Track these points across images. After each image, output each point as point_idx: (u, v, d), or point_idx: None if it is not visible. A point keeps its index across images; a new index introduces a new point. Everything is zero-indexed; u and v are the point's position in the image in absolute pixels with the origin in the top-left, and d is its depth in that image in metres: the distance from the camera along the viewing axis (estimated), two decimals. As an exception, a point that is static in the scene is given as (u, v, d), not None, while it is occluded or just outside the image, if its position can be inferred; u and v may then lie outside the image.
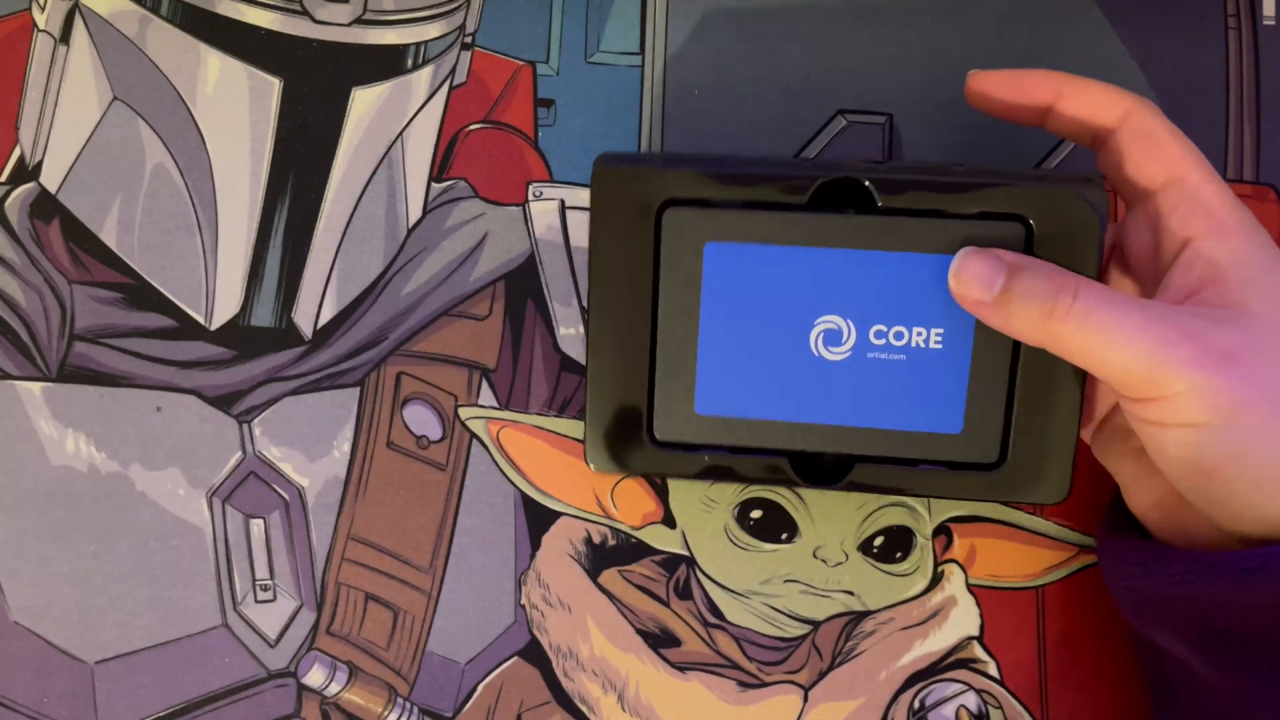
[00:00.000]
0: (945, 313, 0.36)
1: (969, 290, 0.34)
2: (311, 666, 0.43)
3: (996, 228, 0.35)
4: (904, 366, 0.36)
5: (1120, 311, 0.32)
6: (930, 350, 0.36)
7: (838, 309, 0.36)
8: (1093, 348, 0.32)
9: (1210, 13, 0.43)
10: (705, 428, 0.37)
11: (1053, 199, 0.35)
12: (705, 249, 0.36)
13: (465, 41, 0.44)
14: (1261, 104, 0.43)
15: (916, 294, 0.36)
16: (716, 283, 0.36)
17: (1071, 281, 0.33)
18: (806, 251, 0.36)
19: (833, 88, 0.44)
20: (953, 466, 0.37)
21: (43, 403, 0.43)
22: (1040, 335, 0.33)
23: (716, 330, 0.37)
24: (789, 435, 0.37)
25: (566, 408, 0.43)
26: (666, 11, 0.44)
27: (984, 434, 0.37)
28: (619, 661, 0.43)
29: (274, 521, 0.43)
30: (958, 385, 0.36)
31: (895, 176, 0.35)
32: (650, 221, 0.36)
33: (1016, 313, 0.33)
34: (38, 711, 0.43)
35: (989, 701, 0.42)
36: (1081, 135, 0.37)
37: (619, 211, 0.36)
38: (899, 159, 0.43)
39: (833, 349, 0.36)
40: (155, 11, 0.44)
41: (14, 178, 0.44)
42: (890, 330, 0.36)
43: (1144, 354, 0.31)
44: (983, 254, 0.34)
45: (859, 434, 0.37)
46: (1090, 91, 0.36)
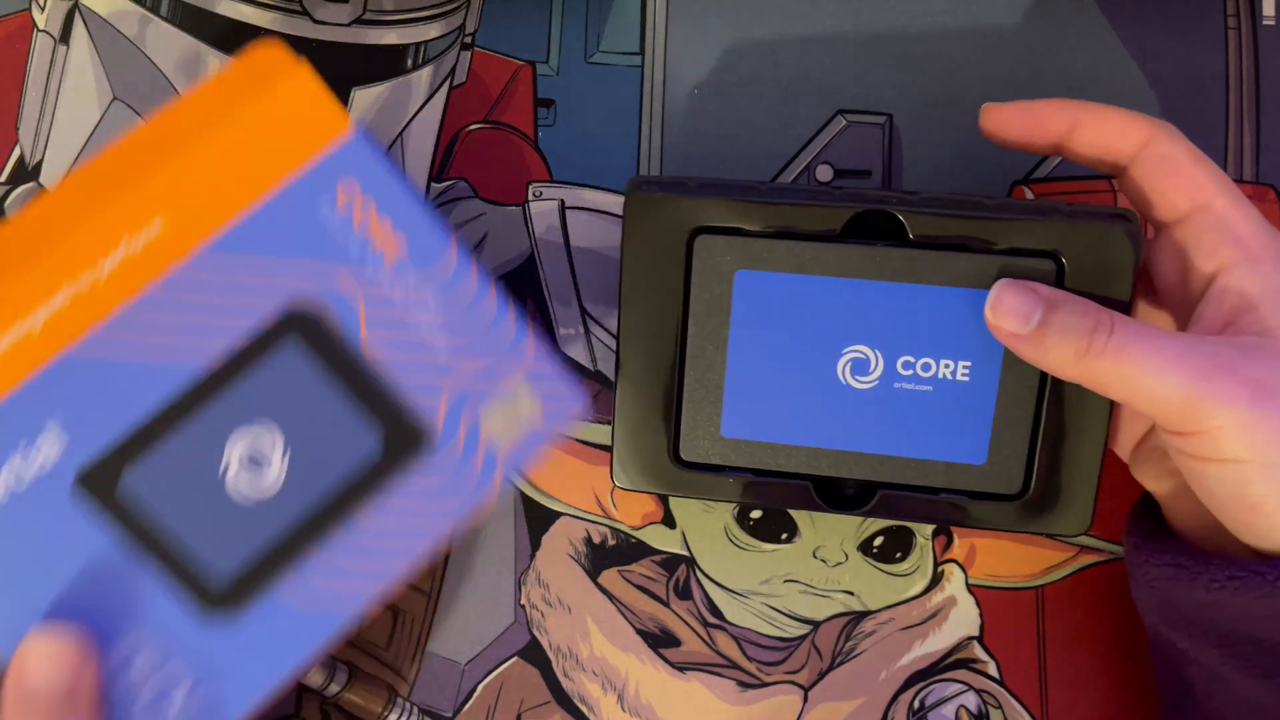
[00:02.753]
0: (973, 345, 0.36)
1: (1005, 323, 0.34)
2: (311, 666, 0.43)
3: (1028, 263, 0.35)
4: (930, 397, 0.36)
5: (1156, 345, 0.32)
6: (957, 382, 0.36)
7: (866, 339, 0.36)
8: (1129, 382, 0.32)
9: (1210, 13, 0.43)
10: (731, 450, 0.38)
11: (1085, 235, 0.35)
12: (736, 276, 0.36)
13: (465, 41, 0.44)
14: (1261, 104, 0.43)
15: (946, 327, 0.36)
16: (746, 310, 0.37)
17: (1107, 317, 0.32)
18: (837, 282, 0.36)
19: (833, 88, 0.44)
20: (975, 496, 0.37)
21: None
22: (1076, 370, 0.33)
23: (745, 356, 0.37)
24: (814, 460, 0.38)
25: (566, 408, 0.43)
26: (666, 11, 0.44)
27: (1008, 465, 0.37)
28: (619, 661, 0.43)
29: (274, 521, 0.43)
30: (983, 416, 0.37)
31: (928, 210, 0.36)
32: (682, 247, 0.36)
33: (1052, 348, 0.33)
34: (38, 711, 0.43)
35: (989, 701, 0.42)
36: (1101, 164, 0.36)
37: (651, 236, 0.37)
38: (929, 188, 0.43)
39: (860, 378, 0.37)
40: (155, 11, 0.44)
41: (14, 177, 0.44)
42: (918, 361, 0.36)
43: (1180, 387, 0.31)
44: (1020, 288, 0.34)
45: (883, 461, 0.37)
46: (1107, 119, 0.36)
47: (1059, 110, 0.36)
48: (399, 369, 0.33)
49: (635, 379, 0.38)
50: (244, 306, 0.32)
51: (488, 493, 0.34)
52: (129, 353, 0.32)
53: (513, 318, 0.34)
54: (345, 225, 0.33)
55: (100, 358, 0.31)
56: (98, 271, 0.31)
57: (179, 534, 0.32)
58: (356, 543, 0.33)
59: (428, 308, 0.33)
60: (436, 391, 0.33)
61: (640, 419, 0.38)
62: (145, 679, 0.32)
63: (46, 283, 0.31)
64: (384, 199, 0.33)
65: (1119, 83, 0.43)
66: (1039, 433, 0.36)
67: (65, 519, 0.32)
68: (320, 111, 0.32)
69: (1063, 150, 0.37)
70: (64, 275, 0.31)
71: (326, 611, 0.33)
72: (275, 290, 0.32)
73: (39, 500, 0.31)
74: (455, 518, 0.34)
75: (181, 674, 0.32)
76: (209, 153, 0.32)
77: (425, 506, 0.33)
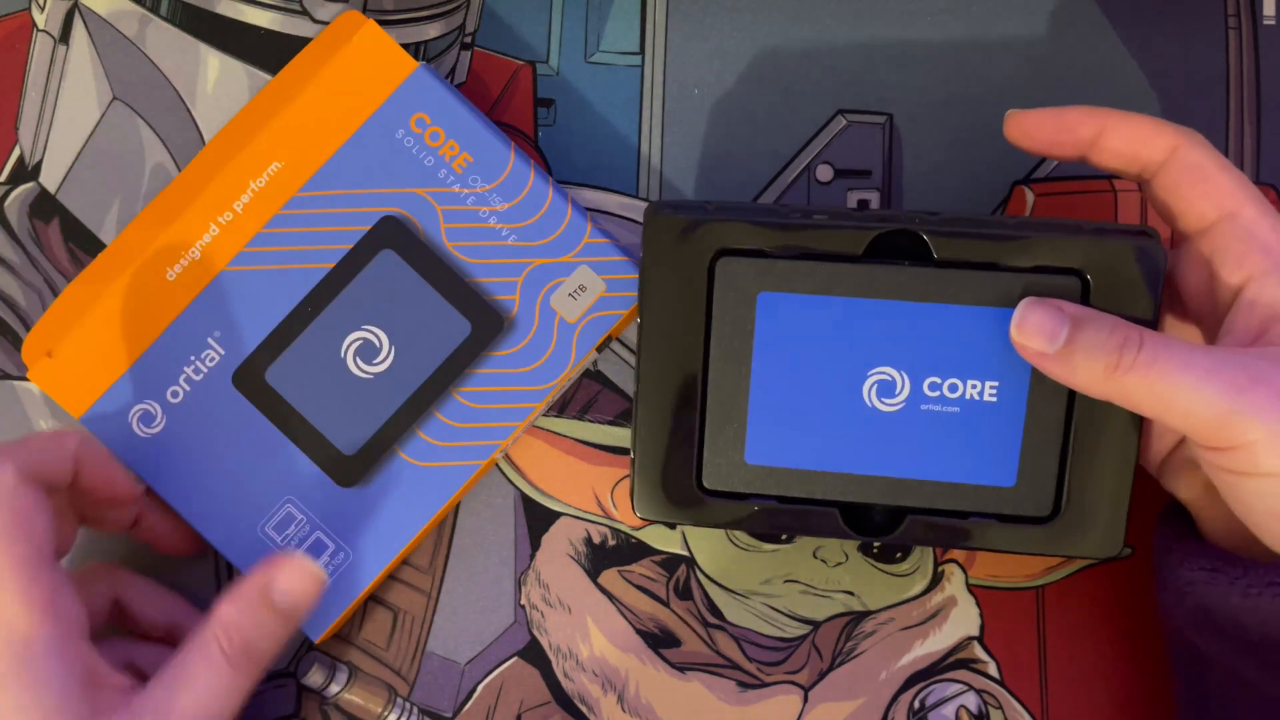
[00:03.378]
0: (1000, 365, 0.36)
1: (1032, 341, 0.33)
2: (311, 666, 0.43)
3: (1053, 281, 0.35)
4: (957, 419, 0.36)
5: (1187, 359, 0.31)
6: (984, 403, 0.36)
7: (891, 361, 0.36)
8: (1160, 398, 0.31)
9: (1210, 13, 0.43)
10: (755, 477, 0.37)
11: (1110, 253, 0.35)
12: (759, 299, 0.36)
13: (465, 41, 0.44)
14: (1261, 104, 0.43)
15: (972, 346, 0.36)
16: (769, 333, 0.36)
17: (1135, 332, 0.32)
18: (861, 303, 0.36)
19: (833, 88, 0.44)
20: (1005, 519, 0.37)
21: (42, 403, 0.43)
22: (1105, 388, 0.32)
23: (768, 380, 0.37)
24: (840, 486, 0.37)
25: (567, 408, 0.43)
26: (666, 11, 0.44)
27: (1038, 486, 0.36)
28: (619, 661, 0.43)
29: (274, 521, 0.43)
30: (1012, 438, 0.36)
31: (951, 229, 0.35)
32: (703, 270, 0.36)
33: (1080, 365, 0.33)
34: (37, 712, 0.43)
35: (989, 701, 0.42)
36: (1127, 170, 0.36)
37: (671, 260, 0.36)
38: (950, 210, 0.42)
39: (886, 400, 0.36)
40: (155, 11, 0.44)
41: (14, 177, 0.44)
42: (944, 382, 0.36)
43: (1214, 401, 0.31)
44: (1045, 305, 0.33)
45: (911, 486, 0.37)
46: (1135, 126, 0.35)
47: (1086, 117, 0.36)
48: (478, 265, 0.40)
49: (655, 405, 0.37)
50: (346, 224, 0.40)
51: (567, 362, 0.40)
52: (264, 271, 0.40)
53: (571, 210, 0.40)
54: (420, 148, 0.40)
55: (244, 274, 0.40)
56: (235, 208, 0.40)
57: (313, 416, 0.40)
58: (463, 408, 0.40)
59: (497, 210, 0.40)
60: (512, 281, 0.40)
61: (661, 446, 0.37)
62: (299, 540, 0.40)
63: (199, 221, 0.40)
64: (450, 123, 0.40)
65: (1119, 83, 0.43)
66: (1068, 452, 0.36)
67: (227, 410, 0.40)
68: (389, 57, 0.40)
69: (1088, 157, 0.36)
70: (211, 214, 0.40)
71: (446, 468, 0.40)
72: (369, 209, 0.40)
73: (207, 396, 0.40)
74: (544, 385, 0.40)
75: (325, 540, 0.40)
76: (307, 104, 0.40)
77: (516, 377, 0.40)
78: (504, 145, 0.40)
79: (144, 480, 0.40)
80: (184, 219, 0.40)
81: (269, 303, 0.40)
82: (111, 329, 0.40)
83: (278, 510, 0.40)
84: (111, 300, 0.40)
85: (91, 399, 0.40)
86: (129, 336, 0.40)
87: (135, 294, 0.40)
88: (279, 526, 0.40)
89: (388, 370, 0.40)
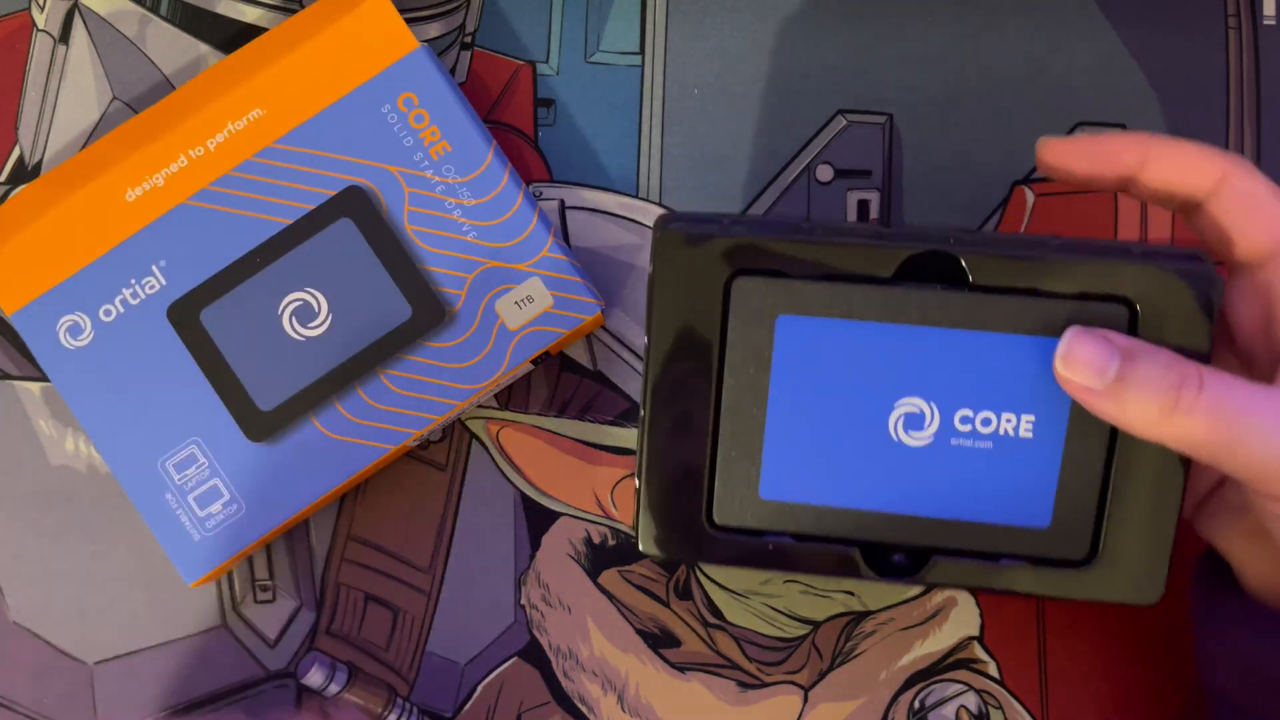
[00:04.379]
0: (1039, 398, 0.33)
1: (1078, 375, 0.31)
2: (311, 667, 0.43)
3: (1098, 310, 0.32)
4: (990, 454, 0.33)
5: (1251, 401, 0.29)
6: (1019, 438, 0.33)
7: (921, 391, 0.33)
8: (1223, 444, 0.29)
9: (1210, 13, 0.43)
10: (770, 513, 0.35)
11: (1161, 282, 0.32)
12: (778, 322, 0.34)
13: (465, 41, 0.44)
14: (1261, 104, 0.43)
15: (1008, 377, 0.33)
16: (788, 359, 0.34)
17: (1194, 370, 0.30)
18: (889, 328, 0.33)
19: (833, 88, 0.44)
20: (1038, 562, 0.34)
21: (42, 403, 0.43)
22: (1160, 429, 0.30)
23: (786, 409, 0.34)
24: (861, 524, 0.34)
25: (567, 408, 0.43)
26: (666, 11, 0.44)
27: (1074, 528, 0.34)
28: (619, 662, 0.43)
29: (274, 521, 0.43)
30: (1048, 476, 0.33)
31: (988, 250, 0.33)
32: (718, 290, 0.34)
33: (1133, 404, 0.30)
34: (38, 711, 0.43)
35: (989, 702, 0.42)
36: (1170, 201, 0.34)
37: (684, 279, 0.34)
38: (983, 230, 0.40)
39: (913, 434, 0.34)
40: (155, 11, 0.44)
41: (13, 177, 0.44)
42: (977, 416, 0.33)
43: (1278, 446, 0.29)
44: (1094, 336, 0.31)
45: (938, 525, 0.34)
46: (1181, 154, 0.33)
47: (1129, 144, 0.34)
48: (432, 253, 0.40)
49: (663, 434, 0.34)
50: (312, 185, 0.40)
51: (499, 367, 0.40)
52: (222, 212, 0.40)
53: (536, 221, 0.40)
54: (402, 127, 0.40)
55: (202, 211, 0.40)
56: (208, 145, 0.40)
57: (237, 364, 0.40)
58: (386, 390, 0.40)
59: (463, 204, 0.40)
60: (462, 276, 0.40)
61: (669, 479, 0.35)
62: (196, 484, 0.40)
63: (170, 150, 0.40)
64: (437, 109, 0.40)
65: (1119, 83, 0.43)
66: (1108, 492, 0.33)
67: (155, 340, 0.40)
68: (392, 31, 0.41)
69: (1131, 186, 0.35)
70: (184, 145, 0.40)
71: (356, 445, 0.40)
72: (337, 174, 0.40)
73: (138, 322, 0.40)
74: (471, 385, 0.40)
75: (221, 489, 0.40)
76: (301, 59, 0.40)
77: (446, 372, 0.40)
78: (484, 142, 0.40)
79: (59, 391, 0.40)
80: (156, 145, 0.40)
81: (220, 245, 0.40)
82: (61, 235, 0.40)
83: (182, 449, 0.40)
84: (67, 207, 0.40)
85: (26, 299, 0.40)
86: (76, 246, 0.40)
87: (91, 206, 0.40)
88: (180, 465, 0.40)
89: (320, 336, 0.40)
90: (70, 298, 0.40)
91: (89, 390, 0.40)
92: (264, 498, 0.40)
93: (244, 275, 0.40)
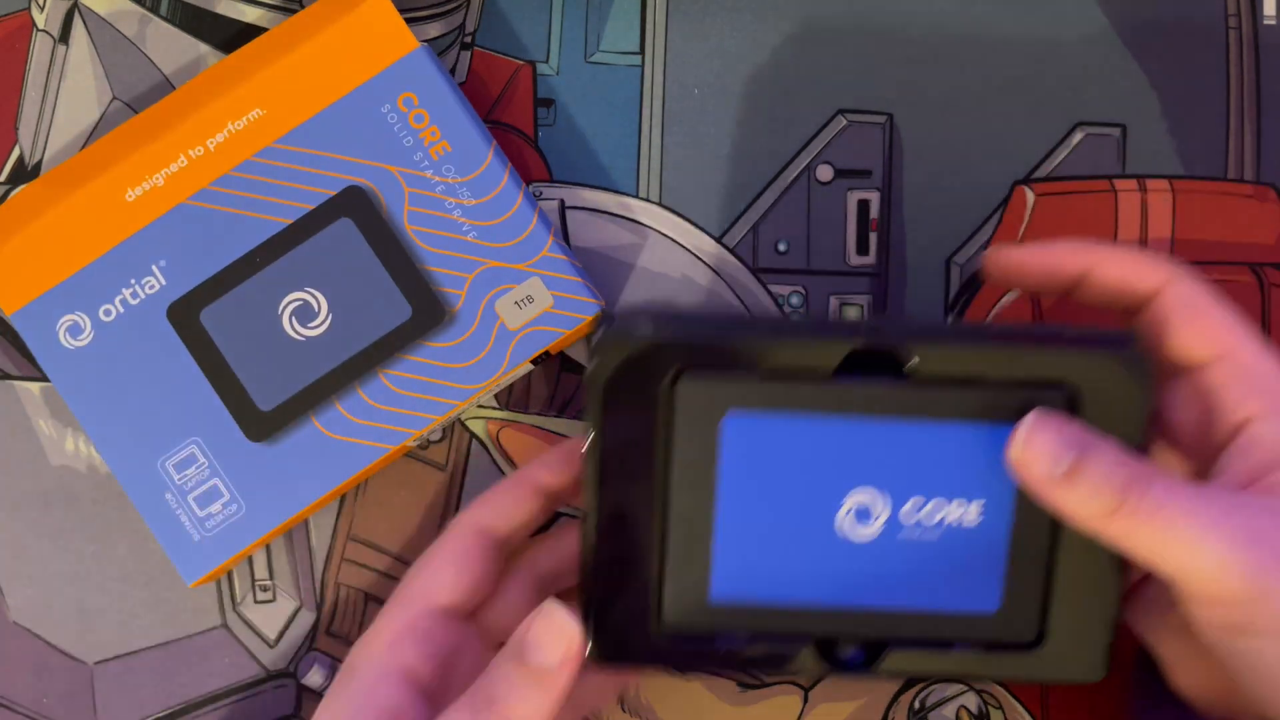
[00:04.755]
0: (985, 484, 0.33)
1: (1036, 464, 0.31)
2: (311, 667, 0.43)
3: (1039, 395, 0.32)
4: (938, 543, 0.34)
5: (1191, 505, 0.30)
6: (967, 525, 0.34)
7: (869, 483, 0.34)
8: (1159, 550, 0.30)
9: (1210, 13, 0.43)
10: (722, 614, 0.34)
11: (1099, 367, 0.33)
12: (723, 421, 0.33)
13: (465, 41, 0.44)
14: (1261, 104, 0.43)
15: (954, 465, 0.33)
16: (735, 456, 0.33)
17: (1143, 472, 0.30)
18: (834, 422, 0.33)
19: (833, 88, 0.44)
20: (988, 646, 0.35)
21: (42, 403, 0.43)
22: (1104, 526, 0.31)
23: (735, 507, 0.34)
24: (814, 621, 0.34)
25: (567, 408, 0.43)
26: (666, 11, 0.44)
27: (1022, 612, 0.34)
28: (619, 662, 0.43)
29: (274, 521, 0.43)
30: (996, 561, 0.34)
31: (928, 341, 0.33)
32: (659, 392, 0.33)
33: (1081, 500, 0.31)
34: (37, 711, 0.43)
35: (989, 702, 0.42)
36: (1114, 304, 0.35)
37: (625, 376, 0.33)
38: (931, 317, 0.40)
39: (863, 526, 0.34)
40: (155, 11, 0.44)
41: (13, 177, 0.44)
42: (925, 505, 0.34)
43: (1216, 555, 0.29)
44: (1052, 426, 0.31)
45: (890, 617, 0.34)
46: (1124, 262, 0.34)
47: (1074, 253, 0.35)
48: (432, 254, 0.40)
49: (609, 537, 0.34)
50: (312, 184, 0.40)
51: (499, 367, 0.40)
52: (222, 212, 0.40)
53: (536, 221, 0.40)
54: (402, 127, 0.40)
55: (203, 211, 0.40)
56: (208, 145, 0.40)
57: (237, 364, 0.40)
58: (386, 390, 0.40)
59: (463, 204, 0.40)
60: (462, 276, 0.40)
61: (617, 584, 0.34)
62: (196, 484, 0.40)
63: (170, 150, 0.40)
64: (437, 109, 0.40)
65: (1119, 83, 0.43)
66: (1053, 575, 0.34)
67: (155, 339, 0.40)
68: (392, 31, 0.40)
69: (1076, 291, 0.36)
70: (184, 145, 0.40)
71: (356, 445, 0.40)
72: (337, 174, 0.40)
73: (138, 322, 0.40)
74: (471, 385, 0.40)
75: (221, 489, 0.40)
76: (301, 59, 0.40)
77: (446, 372, 0.40)
78: (485, 142, 0.40)
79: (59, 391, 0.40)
80: (156, 144, 0.40)
81: (220, 244, 0.40)
82: (61, 235, 0.40)
83: (182, 448, 0.40)
84: (67, 207, 0.40)
85: (26, 299, 0.40)
86: (76, 246, 0.40)
87: (91, 206, 0.40)
88: (180, 465, 0.40)
89: (320, 336, 0.40)
90: (70, 298, 0.40)
91: (89, 390, 0.40)
92: (264, 498, 0.40)
93: (244, 275, 0.40)
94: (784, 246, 0.43)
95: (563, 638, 0.32)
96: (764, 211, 0.43)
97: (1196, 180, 0.43)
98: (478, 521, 0.37)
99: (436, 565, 0.36)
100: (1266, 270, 0.43)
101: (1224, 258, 0.43)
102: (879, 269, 0.43)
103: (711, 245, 0.43)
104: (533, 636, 0.32)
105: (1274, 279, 0.43)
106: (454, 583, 0.36)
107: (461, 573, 0.36)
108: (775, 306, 0.43)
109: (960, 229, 0.43)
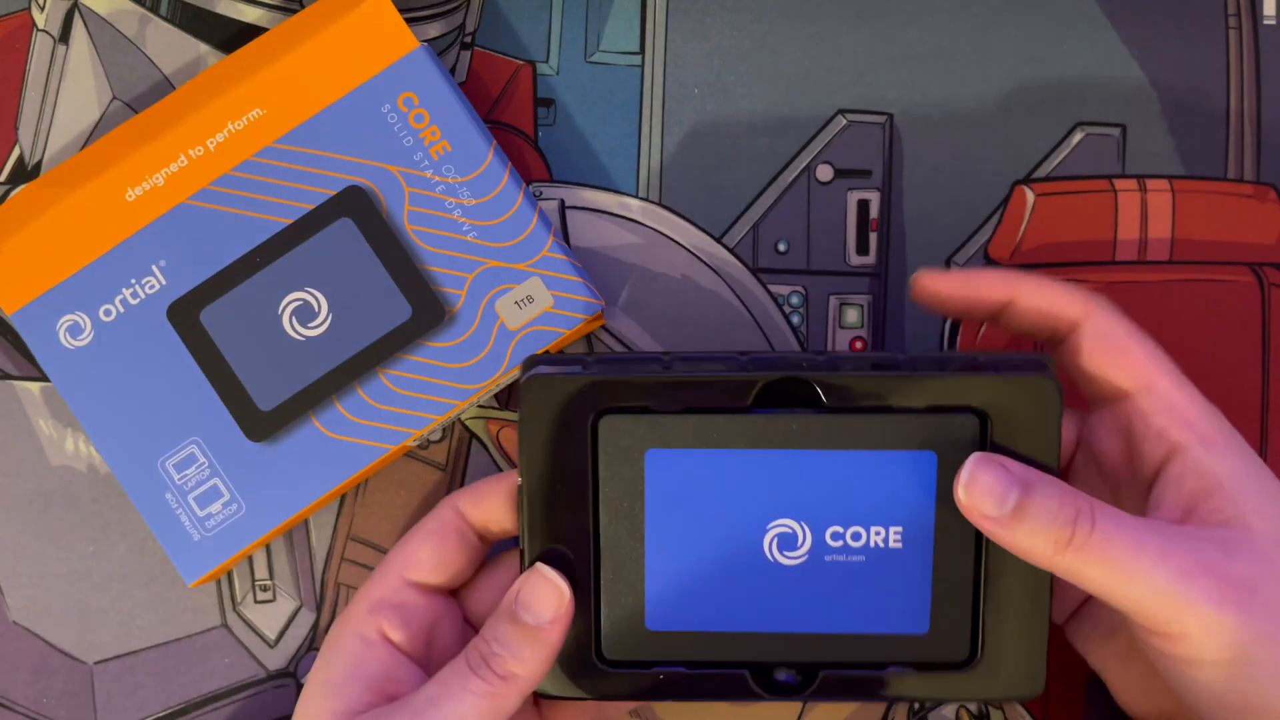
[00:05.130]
0: (902, 510, 0.35)
1: (978, 504, 0.32)
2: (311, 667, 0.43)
3: (950, 421, 0.34)
4: (864, 568, 0.35)
5: (1137, 540, 0.31)
6: (889, 550, 0.35)
7: (790, 512, 0.35)
8: (1108, 581, 0.31)
9: (1210, 13, 0.43)
10: (658, 644, 0.35)
11: (1006, 391, 0.34)
12: (646, 456, 0.35)
13: (465, 41, 0.44)
14: (1262, 104, 0.43)
15: (871, 492, 0.34)
16: (660, 491, 0.35)
17: (1088, 506, 0.31)
18: (753, 454, 0.34)
19: (833, 88, 0.44)
20: (921, 667, 0.35)
21: (42, 403, 0.43)
22: (1052, 560, 0.31)
23: (664, 541, 0.35)
24: (748, 647, 0.35)
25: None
26: (666, 11, 0.44)
27: (952, 632, 0.35)
28: (619, 662, 0.43)
29: (274, 521, 0.43)
30: (921, 584, 0.35)
31: (841, 373, 0.34)
32: (586, 431, 0.35)
33: (1028, 536, 0.31)
34: (37, 711, 0.43)
35: (989, 702, 0.42)
36: (1038, 333, 0.36)
37: (552, 421, 0.35)
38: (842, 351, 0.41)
39: (788, 554, 0.35)
40: (155, 11, 0.44)
41: (13, 177, 0.44)
42: (847, 531, 0.35)
43: (1163, 587, 0.30)
44: (994, 465, 0.32)
45: (822, 640, 0.35)
46: (1045, 293, 0.35)
47: (998, 281, 0.36)
48: (431, 253, 0.40)
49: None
50: (312, 184, 0.40)
51: (499, 367, 0.40)
52: (222, 212, 0.40)
53: (536, 221, 0.40)
54: (402, 127, 0.40)
55: (203, 211, 0.40)
56: (208, 144, 0.40)
57: (237, 364, 0.40)
58: (386, 390, 0.40)
59: (463, 204, 0.40)
60: (462, 276, 0.40)
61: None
62: (196, 484, 0.40)
63: (170, 149, 0.40)
64: (437, 108, 0.40)
65: (1119, 83, 0.43)
66: (980, 595, 0.35)
67: (155, 339, 0.40)
68: (392, 31, 0.41)
69: (999, 319, 0.36)
70: (184, 145, 0.40)
71: (356, 445, 0.40)
72: (337, 174, 0.40)
73: (138, 322, 0.40)
74: (471, 385, 0.40)
75: (221, 489, 0.40)
76: (302, 59, 0.40)
77: (446, 372, 0.40)
78: (485, 142, 0.40)
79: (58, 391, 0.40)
80: (156, 144, 0.40)
81: (220, 244, 0.40)
82: (61, 235, 0.40)
83: (182, 448, 0.40)
84: (67, 207, 0.40)
85: (27, 299, 0.40)
86: (76, 246, 0.40)
87: (91, 206, 0.40)
88: (180, 465, 0.40)
89: (320, 336, 0.40)
90: (70, 298, 0.40)
91: (89, 390, 0.40)
92: (264, 498, 0.40)
93: (244, 275, 0.40)
94: (784, 246, 0.43)
95: (553, 595, 0.34)
96: (764, 211, 0.43)
97: (1196, 180, 0.43)
98: (460, 506, 0.37)
99: (415, 543, 0.37)
100: (1266, 270, 0.43)
101: (1224, 258, 0.43)
102: (879, 269, 0.43)
103: (711, 245, 0.43)
104: (525, 595, 0.34)
105: (1274, 279, 0.43)
106: (431, 559, 0.36)
107: (438, 551, 0.36)
108: (775, 306, 0.43)
109: (960, 229, 0.43)
